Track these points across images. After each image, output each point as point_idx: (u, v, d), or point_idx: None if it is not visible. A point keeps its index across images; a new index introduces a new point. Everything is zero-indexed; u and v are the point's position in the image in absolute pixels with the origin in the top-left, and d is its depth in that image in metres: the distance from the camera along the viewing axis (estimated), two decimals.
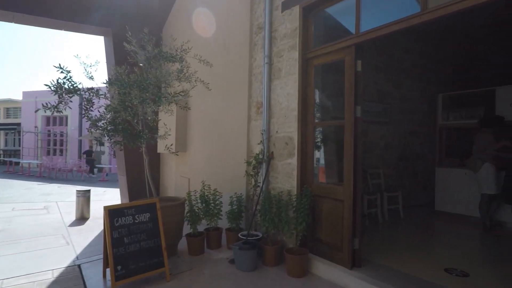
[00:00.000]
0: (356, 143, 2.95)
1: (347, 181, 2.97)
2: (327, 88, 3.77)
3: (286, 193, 3.49)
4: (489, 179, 4.64)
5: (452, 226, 4.87)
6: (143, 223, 2.93)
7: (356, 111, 2.95)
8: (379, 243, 3.77)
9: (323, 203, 3.22)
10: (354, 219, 2.93)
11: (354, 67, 2.94)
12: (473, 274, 2.90)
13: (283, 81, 3.65)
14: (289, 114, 3.57)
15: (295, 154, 3.47)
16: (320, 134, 3.63)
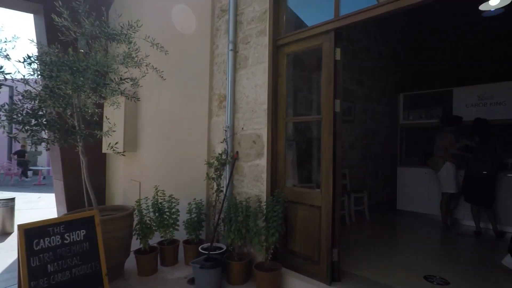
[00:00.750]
0: (335, 142, 2.61)
1: (325, 185, 2.62)
2: (301, 80, 3.41)
3: (255, 199, 3.06)
4: (450, 178, 4.69)
5: (417, 226, 4.85)
6: (76, 244, 2.27)
7: (336, 106, 2.62)
8: (354, 250, 3.51)
9: (297, 210, 2.84)
10: (333, 227, 2.59)
11: (333, 56, 2.60)
12: (452, 282, 2.74)
13: (251, 71, 3.20)
14: (257, 108, 3.14)
15: (264, 154, 3.06)
16: (293, 131, 3.26)
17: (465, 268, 3.09)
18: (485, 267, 3.11)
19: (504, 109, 4.96)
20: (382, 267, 3.03)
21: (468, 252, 3.64)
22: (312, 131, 4.02)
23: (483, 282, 2.77)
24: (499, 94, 5.03)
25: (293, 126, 3.46)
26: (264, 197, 2.99)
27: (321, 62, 2.71)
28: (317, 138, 3.88)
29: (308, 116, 3.60)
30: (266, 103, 3.04)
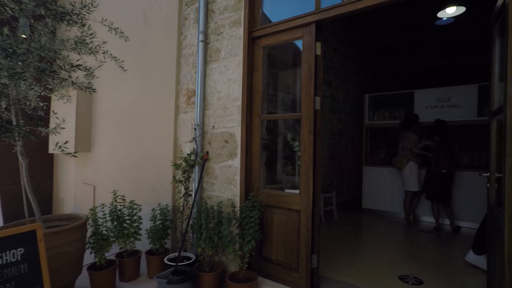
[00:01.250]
0: (315, 141, 2.47)
1: (304, 187, 2.46)
2: (278, 75, 3.23)
3: (227, 203, 2.82)
4: (413, 177, 4.85)
5: (383, 224, 4.94)
6: (11, 266, 1.85)
7: (316, 103, 2.47)
8: (328, 252, 3.42)
9: (273, 214, 2.65)
10: (313, 232, 2.44)
11: (314, 50, 2.45)
12: (426, 281, 2.75)
13: (223, 64, 2.95)
14: (230, 105, 2.90)
15: (238, 155, 2.83)
16: (269, 130, 3.07)
17: (435, 265, 3.14)
18: (452, 264, 3.18)
19: (459, 111, 5.25)
20: (358, 270, 2.96)
21: (434, 249, 3.74)
22: (290, 129, 3.87)
23: (452, 278, 2.81)
24: (455, 97, 5.32)
25: (269, 125, 3.27)
26: (237, 201, 2.76)
27: (300, 57, 2.56)
28: (295, 137, 3.75)
29: (286, 113, 3.44)
30: (240, 100, 2.81)
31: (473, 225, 4.75)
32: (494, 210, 2.11)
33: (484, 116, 5.09)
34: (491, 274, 2.15)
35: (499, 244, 1.95)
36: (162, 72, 3.47)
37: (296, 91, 4.16)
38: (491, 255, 2.17)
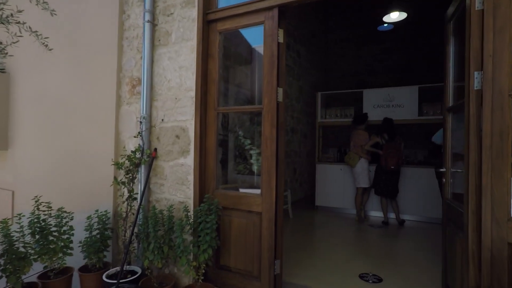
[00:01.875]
0: (278, 136, 2.27)
1: (266, 187, 2.25)
2: (237, 63, 2.97)
3: (179, 206, 2.49)
4: (364, 174, 4.99)
5: (337, 222, 5.00)
6: None
7: (279, 94, 2.27)
8: (287, 254, 3.27)
9: (232, 218, 2.40)
10: (276, 237, 2.24)
11: (276, 37, 2.25)
12: (385, 277, 2.75)
13: (174, 49, 2.61)
14: (182, 95, 2.56)
15: (191, 152, 2.51)
16: (226, 124, 2.80)
17: (391, 261, 3.19)
18: (406, 259, 3.26)
19: (403, 110, 5.56)
20: (319, 271, 2.86)
21: (387, 244, 3.84)
22: (248, 123, 3.64)
23: (409, 274, 2.86)
24: (399, 97, 5.62)
25: (224, 121, 3.01)
26: (191, 205, 2.45)
27: (253, 54, 2.34)
28: (255, 131, 3.53)
29: (245, 106, 3.21)
30: (193, 90, 2.50)
31: (416, 218, 5.06)
32: (452, 205, 2.14)
33: (423, 116, 5.45)
34: (449, 271, 2.18)
35: (459, 240, 1.97)
36: (100, 56, 2.97)
37: (254, 85, 3.98)
38: (448, 252, 2.20)
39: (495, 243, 1.66)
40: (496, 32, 1.67)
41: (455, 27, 2.28)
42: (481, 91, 1.73)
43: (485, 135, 1.69)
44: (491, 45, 1.67)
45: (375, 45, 8.32)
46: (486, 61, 1.68)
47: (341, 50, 8.76)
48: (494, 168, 1.67)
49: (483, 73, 1.69)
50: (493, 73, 1.67)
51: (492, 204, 1.67)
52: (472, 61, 1.77)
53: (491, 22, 1.67)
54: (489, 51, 1.68)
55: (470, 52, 1.77)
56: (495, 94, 1.67)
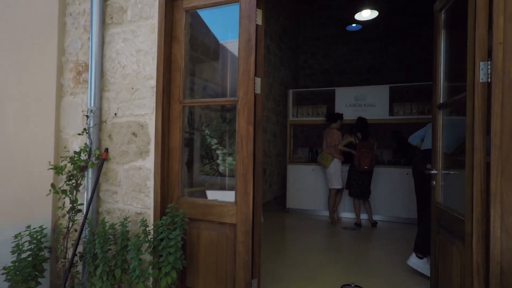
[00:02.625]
0: (256, 133, 1.93)
1: (241, 194, 1.90)
2: (204, 55, 2.58)
3: (136, 219, 2.06)
4: (337, 174, 4.83)
5: (310, 225, 4.78)
6: None
7: (256, 85, 1.94)
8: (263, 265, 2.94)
9: (200, 231, 2.02)
10: (253, 252, 1.90)
11: (254, 18, 1.91)
12: None
13: (130, 29, 2.16)
14: (140, 85, 2.13)
15: (151, 152, 2.09)
16: (193, 119, 2.41)
17: (371, 268, 3.00)
18: (386, 265, 3.09)
19: (375, 110, 5.50)
20: (300, 283, 2.57)
21: (364, 248, 3.67)
22: (216, 121, 3.25)
23: (392, 283, 2.67)
24: (371, 97, 5.56)
25: (190, 118, 2.61)
26: (151, 216, 2.03)
27: (219, 50, 2.00)
28: (226, 130, 3.17)
29: (217, 98, 2.83)
30: (154, 78, 2.08)
31: (388, 219, 5.01)
32: (446, 210, 1.95)
33: (393, 116, 5.43)
34: (442, 284, 1.99)
35: (456, 250, 1.78)
36: (37, 35, 2.42)
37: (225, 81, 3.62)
38: (441, 263, 2.01)
39: (505, 255, 1.47)
40: (507, 17, 1.47)
41: (448, 16, 2.10)
42: (487, 83, 1.54)
43: (494, 133, 1.48)
44: (502, 32, 1.48)
45: (344, 45, 8.34)
46: (495, 50, 1.48)
47: (311, 49, 8.69)
48: (504, 170, 1.47)
49: (492, 63, 1.49)
50: (504, 63, 1.47)
51: (501, 211, 1.47)
52: (477, 50, 1.57)
53: (502, 5, 1.47)
54: (499, 38, 1.48)
55: (476, 40, 1.57)
56: (506, 87, 1.47)
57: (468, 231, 1.61)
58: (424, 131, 3.30)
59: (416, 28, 7.51)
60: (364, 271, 2.89)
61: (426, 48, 7.48)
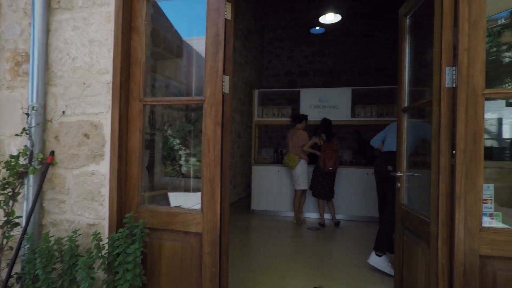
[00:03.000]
0: (224, 135, 1.81)
1: (208, 201, 1.77)
2: (167, 52, 2.39)
3: (88, 232, 1.82)
4: (303, 175, 4.85)
5: (277, 227, 4.75)
6: None
7: (225, 84, 1.81)
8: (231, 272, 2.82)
9: (162, 242, 1.84)
10: (221, 263, 1.78)
11: (223, 11, 1.79)
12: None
13: (81, 15, 1.92)
14: (93, 79, 1.90)
15: (106, 156, 1.88)
16: (154, 120, 2.22)
17: (337, 270, 3.01)
18: (353, 266, 3.13)
19: (338, 111, 5.63)
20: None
21: (330, 249, 3.71)
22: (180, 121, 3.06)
23: (356, 283, 2.70)
24: (334, 98, 5.68)
25: (153, 115, 2.41)
26: (105, 228, 1.81)
27: (183, 47, 1.86)
28: (191, 130, 2.98)
29: (182, 97, 2.64)
30: (110, 73, 1.86)
31: (350, 218, 5.15)
32: (411, 212, 1.98)
33: (355, 117, 5.61)
34: (406, 284, 2.03)
35: (421, 252, 1.81)
36: None
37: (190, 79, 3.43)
38: (405, 264, 2.05)
39: (467, 256, 1.51)
40: (471, 24, 1.51)
41: (413, 22, 2.16)
42: (452, 89, 1.58)
43: (459, 137, 1.52)
44: (466, 38, 1.52)
45: (307, 47, 8.49)
46: (461, 56, 1.52)
47: (276, 50, 8.74)
48: (468, 174, 1.51)
49: (458, 69, 1.52)
50: (468, 69, 1.51)
51: (465, 213, 1.51)
52: (444, 56, 1.60)
53: (467, 12, 1.51)
54: (464, 44, 1.51)
55: (442, 45, 1.60)
56: (470, 92, 1.51)
57: (433, 233, 1.64)
58: (384, 133, 3.40)
59: (376, 33, 7.88)
60: (330, 272, 2.90)
61: (385, 53, 7.89)
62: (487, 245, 1.48)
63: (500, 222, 1.58)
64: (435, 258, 1.61)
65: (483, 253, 1.49)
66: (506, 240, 1.46)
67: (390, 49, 7.81)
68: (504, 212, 1.62)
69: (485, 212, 1.56)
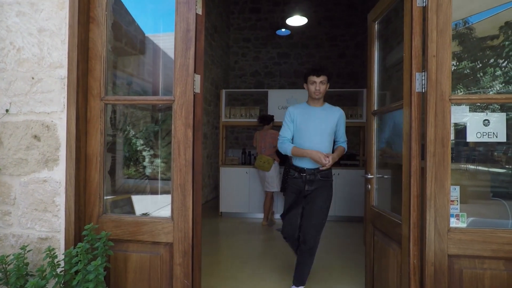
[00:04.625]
0: (195, 138, 1.70)
1: (179, 208, 1.65)
2: (133, 40, 2.22)
3: (40, 247, 1.61)
4: (277, 177, 4.80)
5: (246, 229, 4.68)
6: None
7: (196, 83, 1.71)
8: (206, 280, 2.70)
9: (128, 254, 1.69)
10: (194, 275, 1.67)
11: (194, 5, 1.68)
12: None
13: (28, 0, 1.69)
14: (44, 74, 1.68)
15: (61, 160, 1.67)
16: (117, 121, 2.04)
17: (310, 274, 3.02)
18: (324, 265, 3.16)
19: None
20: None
21: None
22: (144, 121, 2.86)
23: (327, 283, 2.73)
24: (301, 99, 5.73)
25: (115, 115, 2.21)
26: (61, 242, 1.61)
27: (145, 43, 1.74)
28: (160, 129, 2.79)
29: (149, 96, 2.45)
30: (65, 67, 1.66)
31: None
32: (382, 214, 2.03)
33: None
34: (378, 285, 2.07)
35: (393, 253, 1.85)
36: None
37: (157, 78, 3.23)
38: (376, 264, 2.09)
39: (437, 256, 1.56)
40: (439, 32, 1.57)
41: (382, 28, 2.21)
42: (422, 93, 1.63)
43: (429, 141, 1.57)
44: (435, 45, 1.57)
45: (273, 48, 8.54)
46: (430, 62, 1.57)
47: (242, 50, 8.67)
48: (437, 176, 1.56)
49: (428, 75, 1.57)
50: (436, 75, 1.57)
51: (435, 215, 1.57)
52: (413, 62, 1.64)
53: (435, 20, 1.56)
54: (433, 51, 1.56)
55: (412, 51, 1.64)
56: (438, 97, 1.57)
57: (405, 235, 1.68)
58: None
59: (339, 37, 8.14)
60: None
61: (348, 56, 8.18)
62: (454, 244, 1.54)
63: (465, 222, 1.66)
64: (407, 258, 1.65)
65: (451, 252, 1.55)
66: (471, 240, 1.53)
67: (353, 53, 8.14)
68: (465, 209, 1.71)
69: (452, 213, 1.62)
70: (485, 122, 1.62)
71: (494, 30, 2.28)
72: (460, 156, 2.14)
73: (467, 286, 1.53)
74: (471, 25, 2.30)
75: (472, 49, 2.40)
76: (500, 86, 2.35)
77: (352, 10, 8.12)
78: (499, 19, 2.21)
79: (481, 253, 1.51)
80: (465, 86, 2.41)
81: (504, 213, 1.99)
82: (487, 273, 1.51)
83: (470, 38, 2.37)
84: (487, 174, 2.25)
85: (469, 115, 1.74)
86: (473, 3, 2.21)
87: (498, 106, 1.92)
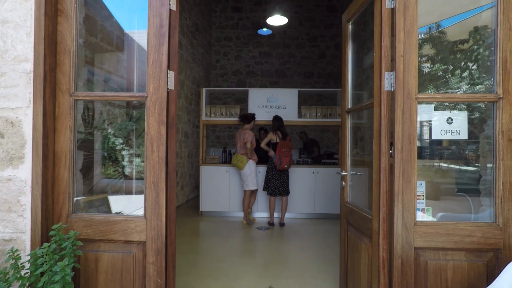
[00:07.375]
0: (169, 135, 1.69)
1: (152, 206, 1.63)
2: (109, 36, 2.16)
3: (4, 248, 1.54)
4: (252, 175, 4.83)
5: (227, 228, 4.68)
6: None
7: (169, 80, 1.69)
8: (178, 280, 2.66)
9: (99, 254, 1.65)
10: (168, 274, 1.65)
11: (167, 1, 1.66)
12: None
13: None
14: (8, 68, 1.62)
15: (27, 158, 1.61)
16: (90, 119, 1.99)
17: (287, 269, 3.05)
18: (302, 263, 3.20)
19: (285, 112, 5.75)
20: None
21: (279, 247, 3.75)
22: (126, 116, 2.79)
23: (305, 280, 2.77)
24: (282, 99, 5.80)
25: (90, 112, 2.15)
26: (27, 243, 1.56)
27: (124, 38, 1.72)
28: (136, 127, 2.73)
29: (121, 93, 2.39)
30: (31, 61, 1.60)
31: (297, 216, 5.29)
32: (355, 210, 2.08)
33: (302, 118, 5.79)
34: (351, 278, 2.12)
35: (364, 247, 1.90)
36: None
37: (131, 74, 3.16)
38: (350, 259, 2.14)
39: (404, 249, 1.62)
40: (406, 33, 1.63)
41: (360, 29, 2.27)
42: (391, 92, 1.68)
43: (397, 138, 1.62)
44: (403, 46, 1.63)
45: (255, 47, 8.57)
46: (397, 62, 1.62)
47: (224, 48, 8.65)
48: (404, 172, 1.62)
49: (396, 74, 1.63)
50: (404, 75, 1.63)
51: (403, 209, 1.62)
52: (383, 61, 1.70)
53: (402, 21, 1.62)
54: (400, 51, 1.62)
55: (382, 51, 1.70)
56: (406, 96, 1.63)
57: (375, 229, 1.73)
58: None
59: (319, 37, 8.26)
60: (280, 272, 2.92)
61: (328, 57, 8.32)
62: (420, 237, 1.61)
63: (430, 216, 1.74)
64: (377, 251, 1.71)
65: (417, 245, 1.61)
66: (435, 232, 1.60)
67: (333, 54, 8.29)
68: (431, 204, 1.78)
69: (418, 207, 1.69)
70: (448, 120, 1.69)
71: (464, 34, 2.38)
72: (426, 153, 2.23)
73: (431, 277, 1.59)
74: (443, 29, 2.38)
75: (444, 52, 2.49)
76: (466, 87, 2.47)
77: (332, 11, 8.26)
78: (468, 24, 2.31)
79: (444, 245, 1.59)
80: (435, 87, 2.50)
81: (468, 207, 2.09)
82: (449, 264, 1.59)
83: (442, 41, 2.46)
84: (452, 171, 2.35)
85: (435, 113, 1.82)
86: (444, 7, 2.30)
87: (464, 106, 2.02)
